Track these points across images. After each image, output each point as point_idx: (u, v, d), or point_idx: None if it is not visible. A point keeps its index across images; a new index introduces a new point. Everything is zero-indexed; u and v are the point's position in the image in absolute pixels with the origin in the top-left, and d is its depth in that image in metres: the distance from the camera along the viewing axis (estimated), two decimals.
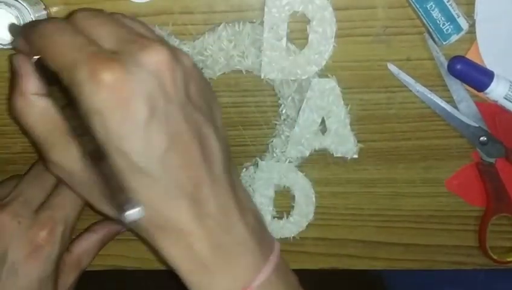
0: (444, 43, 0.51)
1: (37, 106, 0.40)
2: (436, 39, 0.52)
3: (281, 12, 0.52)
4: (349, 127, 0.56)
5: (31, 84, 0.40)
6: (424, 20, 0.51)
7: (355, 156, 0.57)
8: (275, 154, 0.58)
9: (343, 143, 0.56)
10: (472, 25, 0.51)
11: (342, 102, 0.55)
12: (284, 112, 0.56)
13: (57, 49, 0.37)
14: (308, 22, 0.52)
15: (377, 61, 0.54)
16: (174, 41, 0.53)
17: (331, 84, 0.54)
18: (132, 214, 0.35)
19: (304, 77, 0.54)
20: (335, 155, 0.57)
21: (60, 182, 0.52)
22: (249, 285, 0.42)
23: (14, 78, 0.42)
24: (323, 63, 0.53)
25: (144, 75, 0.36)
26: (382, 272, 0.68)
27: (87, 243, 0.55)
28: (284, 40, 0.53)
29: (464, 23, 0.51)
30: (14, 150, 0.60)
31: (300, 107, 0.55)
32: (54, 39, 0.38)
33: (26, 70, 0.40)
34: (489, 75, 0.52)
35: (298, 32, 0.53)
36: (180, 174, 0.39)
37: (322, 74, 0.54)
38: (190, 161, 0.39)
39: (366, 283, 0.76)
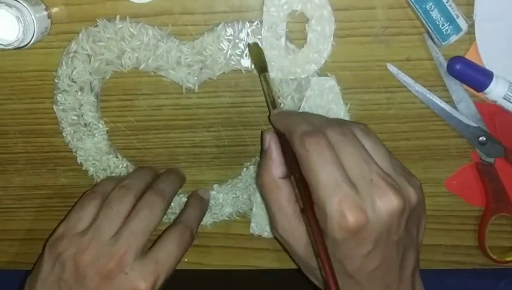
0: (444, 43, 0.51)
1: (278, 187, 0.48)
2: (436, 39, 0.52)
3: (280, 11, 0.52)
4: None
5: (279, 169, 0.49)
6: (424, 21, 0.51)
7: None
8: None
9: None
10: (471, 26, 0.51)
11: (342, 100, 0.55)
12: None
13: (319, 175, 0.43)
14: (307, 21, 0.52)
15: (376, 62, 0.54)
16: (174, 42, 0.53)
17: (330, 82, 0.54)
18: None
19: (303, 76, 0.54)
20: None
21: (165, 233, 0.54)
22: None
23: (263, 152, 0.50)
24: (322, 61, 0.54)
25: (378, 222, 0.43)
26: None
27: None
28: (283, 39, 0.53)
29: (463, 24, 0.51)
30: (14, 150, 0.60)
31: (300, 106, 0.55)
32: (318, 165, 0.43)
33: (276, 155, 0.49)
34: (488, 76, 0.52)
35: (297, 32, 0.53)
36: (379, 281, 0.46)
37: (322, 73, 0.54)
38: (390, 271, 0.46)
39: None
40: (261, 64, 0.53)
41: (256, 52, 0.53)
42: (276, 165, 0.48)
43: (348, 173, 0.44)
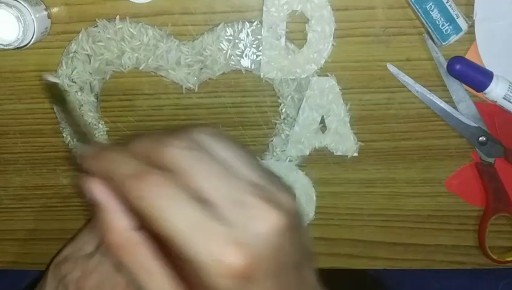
0: (444, 43, 0.51)
1: (135, 241, 0.36)
2: (436, 39, 0.52)
3: (280, 11, 0.52)
4: (348, 125, 0.56)
5: (123, 219, 0.36)
6: (424, 21, 0.51)
7: (356, 154, 0.57)
8: (275, 154, 0.58)
9: (343, 141, 0.56)
10: (471, 26, 0.51)
11: (342, 100, 0.55)
12: (283, 111, 0.56)
13: (169, 222, 0.33)
14: (307, 21, 0.52)
15: (376, 62, 0.54)
16: (174, 42, 0.53)
17: (330, 82, 0.54)
18: None
19: (303, 76, 0.54)
20: (335, 154, 0.57)
21: None
22: None
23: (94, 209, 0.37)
24: (322, 61, 0.54)
25: (263, 250, 0.34)
26: (382, 272, 0.68)
27: None
28: (283, 39, 0.53)
29: (463, 24, 0.51)
30: (14, 150, 0.60)
31: (300, 106, 0.55)
32: (169, 220, 0.33)
33: (112, 205, 0.36)
34: (488, 76, 0.52)
35: (297, 32, 0.53)
36: None
37: (322, 73, 0.54)
38: None
39: (366, 283, 0.76)
40: (60, 98, 0.46)
41: (52, 89, 0.46)
42: (118, 217, 0.36)
43: (208, 200, 0.34)
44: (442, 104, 0.55)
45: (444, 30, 0.51)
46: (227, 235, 0.33)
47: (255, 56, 0.53)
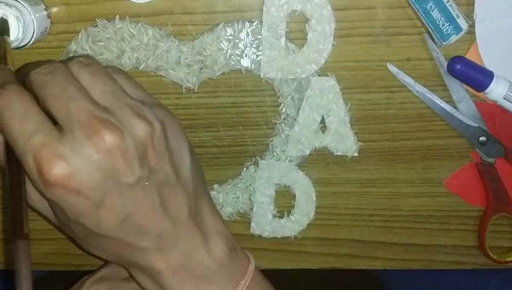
0: (444, 43, 0.51)
1: None
2: (436, 39, 0.52)
3: (280, 11, 0.52)
4: (349, 125, 0.56)
5: None
6: (424, 21, 0.51)
7: (356, 154, 0.57)
8: (275, 153, 0.58)
9: (343, 141, 0.56)
10: (472, 25, 0.51)
11: (342, 100, 0.55)
12: (283, 111, 0.56)
13: (9, 130, 0.37)
14: (307, 20, 0.52)
15: (376, 62, 0.54)
16: (174, 42, 0.53)
17: (330, 82, 0.54)
18: None
19: (303, 76, 0.54)
20: (335, 154, 0.57)
21: None
22: None
23: None
24: (323, 61, 0.53)
25: (85, 170, 0.37)
26: (382, 272, 0.68)
27: None
28: (283, 39, 0.53)
29: (463, 24, 0.51)
30: None
31: (300, 106, 0.55)
32: (7, 118, 0.37)
33: None
34: (488, 75, 0.52)
35: (297, 32, 0.53)
36: (140, 231, 0.40)
37: (322, 73, 0.54)
38: (150, 219, 0.40)
39: (366, 283, 0.76)
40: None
41: None
42: None
43: (55, 116, 0.37)
44: (443, 104, 0.55)
45: (444, 30, 0.51)
46: (53, 147, 0.36)
47: (255, 56, 0.53)
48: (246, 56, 0.54)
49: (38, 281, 0.54)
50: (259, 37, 0.53)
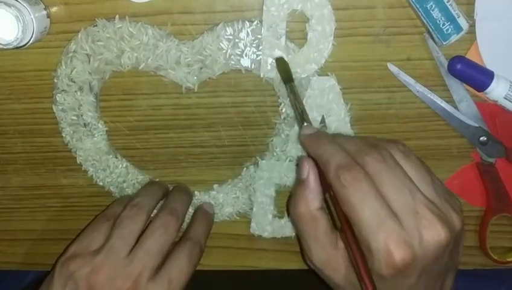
0: (444, 43, 0.51)
1: (316, 219, 0.46)
2: (436, 39, 0.52)
3: (280, 10, 0.52)
4: (349, 125, 0.56)
5: (317, 200, 0.46)
6: (424, 20, 0.51)
7: None
8: (275, 153, 0.58)
9: None
10: (472, 25, 0.51)
11: (342, 100, 0.55)
12: (283, 110, 0.56)
13: (359, 212, 0.41)
14: (307, 20, 0.52)
15: (377, 61, 0.54)
16: (173, 41, 0.53)
17: (330, 82, 0.54)
18: None
19: (303, 76, 0.54)
20: None
21: (175, 250, 0.54)
22: None
23: (299, 180, 0.47)
24: (323, 61, 0.53)
25: (425, 256, 0.42)
26: None
27: None
28: (283, 38, 0.53)
29: (464, 23, 0.51)
30: (13, 150, 0.60)
31: None
32: (358, 202, 0.42)
33: (315, 185, 0.46)
34: (489, 75, 0.52)
35: (297, 32, 0.53)
36: None
37: (322, 73, 0.54)
38: None
39: None
40: (286, 76, 0.52)
41: (282, 65, 0.53)
42: (315, 197, 0.46)
43: (391, 205, 0.42)
44: (443, 104, 0.55)
45: (444, 29, 0.51)
46: (400, 234, 0.41)
47: (255, 56, 0.53)
48: (245, 56, 0.53)
49: (38, 281, 0.54)
50: (259, 36, 0.53)
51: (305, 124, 0.50)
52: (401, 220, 0.41)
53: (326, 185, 0.45)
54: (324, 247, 0.46)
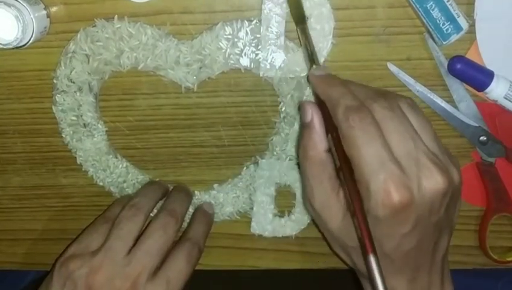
0: (444, 42, 0.51)
1: (323, 161, 0.46)
2: (436, 39, 0.51)
3: (279, 9, 0.52)
4: None
5: (323, 142, 0.46)
6: (424, 20, 0.51)
7: None
8: (275, 153, 0.58)
9: None
10: (472, 25, 0.51)
11: None
12: (283, 109, 0.56)
13: (363, 152, 0.42)
14: (306, 19, 0.52)
15: (377, 61, 0.54)
16: (173, 41, 0.53)
17: None
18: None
19: (302, 74, 0.54)
20: None
21: (174, 251, 0.54)
22: None
23: (304, 124, 0.47)
24: (322, 60, 0.53)
25: (422, 202, 0.42)
26: None
27: None
28: (282, 37, 0.52)
29: (463, 23, 0.51)
30: (13, 150, 0.60)
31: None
32: (363, 142, 0.42)
33: (320, 127, 0.46)
34: (489, 75, 0.52)
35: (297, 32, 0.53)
36: (412, 261, 0.46)
37: None
38: (423, 252, 0.46)
39: None
40: (298, 15, 0.52)
41: (295, 4, 0.52)
42: (321, 139, 0.46)
43: (394, 150, 0.43)
44: (443, 104, 0.55)
45: (444, 29, 0.51)
46: (400, 177, 0.41)
47: (254, 55, 0.53)
48: (245, 55, 0.53)
49: (38, 281, 0.54)
50: (258, 35, 0.53)
51: (315, 66, 0.50)
52: (402, 166, 0.42)
53: (329, 127, 0.46)
54: (326, 191, 0.46)
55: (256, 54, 0.53)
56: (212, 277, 0.62)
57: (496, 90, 0.52)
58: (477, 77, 0.52)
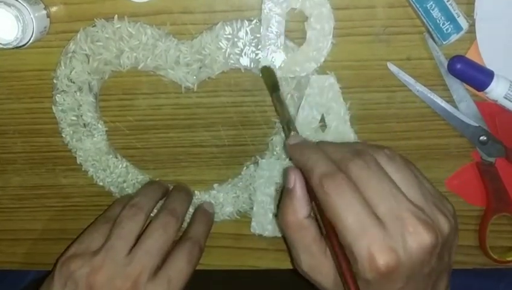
0: (444, 42, 0.51)
1: (304, 227, 0.46)
2: (436, 39, 0.51)
3: (279, 9, 0.52)
4: (349, 123, 0.56)
5: (304, 209, 0.46)
6: (424, 20, 0.51)
7: None
8: (275, 152, 0.58)
9: (343, 140, 0.56)
10: (472, 25, 0.51)
11: (341, 98, 0.55)
12: None
13: (343, 218, 0.41)
14: (306, 19, 0.52)
15: (376, 61, 0.54)
16: (172, 41, 0.53)
17: (330, 80, 0.54)
18: None
19: (302, 74, 0.54)
20: None
21: (175, 250, 0.54)
22: None
23: (286, 190, 0.47)
24: (322, 59, 0.53)
25: (410, 260, 0.41)
26: None
27: None
28: (282, 37, 0.52)
29: (463, 23, 0.51)
30: (13, 149, 0.60)
31: (300, 104, 0.55)
32: (341, 209, 0.42)
33: (301, 194, 0.46)
34: (489, 75, 0.52)
35: (296, 32, 0.53)
36: None
37: (321, 72, 0.54)
38: None
39: None
40: (272, 83, 0.53)
41: (268, 74, 0.53)
42: (302, 205, 0.46)
43: (375, 210, 0.42)
44: (443, 104, 0.55)
45: (444, 29, 0.51)
46: (383, 239, 0.41)
47: (254, 55, 0.53)
48: (245, 55, 0.53)
49: (39, 281, 0.54)
50: (258, 35, 0.53)
51: (292, 133, 0.50)
52: (385, 226, 0.41)
53: (312, 194, 0.45)
54: (313, 254, 0.46)
55: (256, 54, 0.53)
56: (212, 276, 0.62)
57: (496, 90, 0.52)
58: (477, 76, 0.52)
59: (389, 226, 0.41)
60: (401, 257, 0.41)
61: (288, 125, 0.50)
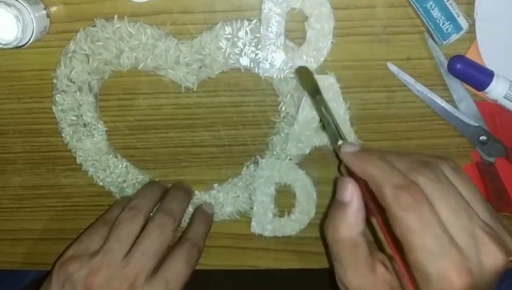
0: (444, 42, 0.51)
1: (357, 244, 0.44)
2: (436, 38, 0.51)
3: (279, 9, 0.52)
4: (349, 123, 0.56)
5: (360, 225, 0.44)
6: (424, 20, 0.51)
7: None
8: (275, 152, 0.58)
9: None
10: (472, 24, 0.51)
11: (341, 98, 0.55)
12: (283, 109, 0.56)
13: (420, 239, 0.39)
14: (306, 18, 0.52)
15: (377, 61, 0.54)
16: (172, 41, 0.53)
17: (330, 80, 0.54)
18: None
19: None
20: None
21: (173, 251, 0.54)
22: None
23: (340, 202, 0.44)
24: (322, 59, 0.53)
25: (481, 279, 0.40)
26: None
27: None
28: (282, 37, 0.52)
29: (463, 23, 0.51)
30: (13, 149, 0.60)
31: (300, 104, 0.55)
32: (419, 228, 0.40)
33: (359, 208, 0.44)
34: (489, 75, 0.52)
35: (297, 32, 0.53)
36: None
37: (322, 71, 0.54)
38: None
39: None
40: (312, 87, 0.52)
41: (305, 75, 0.52)
42: (358, 221, 0.44)
43: (448, 227, 0.40)
44: (443, 104, 0.55)
45: (444, 29, 0.51)
46: (461, 262, 0.39)
47: (254, 54, 0.53)
48: (245, 55, 0.53)
49: (39, 281, 0.54)
50: (258, 35, 0.53)
51: (341, 141, 0.47)
52: (460, 246, 0.39)
53: (372, 208, 0.43)
54: (362, 272, 0.44)
55: (256, 54, 0.53)
56: (212, 276, 0.62)
57: (496, 90, 0.52)
58: (477, 76, 0.52)
59: (463, 245, 0.40)
60: (476, 276, 0.39)
61: (337, 131, 0.48)
